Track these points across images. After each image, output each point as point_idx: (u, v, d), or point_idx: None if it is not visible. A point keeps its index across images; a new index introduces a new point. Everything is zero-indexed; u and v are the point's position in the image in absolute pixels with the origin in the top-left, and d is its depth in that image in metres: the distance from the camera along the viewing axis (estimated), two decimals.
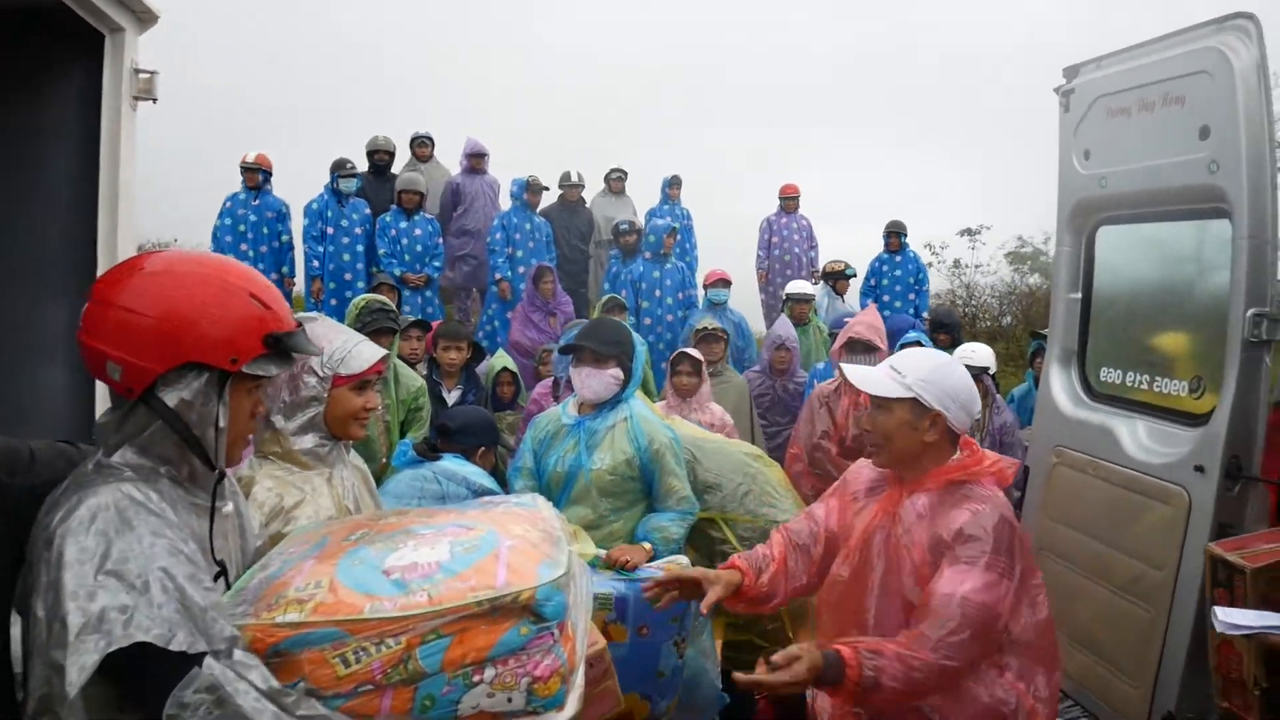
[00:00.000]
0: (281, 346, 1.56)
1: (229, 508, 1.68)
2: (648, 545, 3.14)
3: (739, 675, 1.96)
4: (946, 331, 7.48)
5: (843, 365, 2.52)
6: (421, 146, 10.08)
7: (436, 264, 8.56)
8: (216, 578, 1.55)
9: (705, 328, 6.24)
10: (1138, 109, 3.30)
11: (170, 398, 1.50)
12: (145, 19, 3.00)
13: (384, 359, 2.31)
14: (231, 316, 1.52)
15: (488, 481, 3.30)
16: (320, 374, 2.19)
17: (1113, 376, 3.60)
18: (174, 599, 1.35)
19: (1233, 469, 2.90)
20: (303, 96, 20.63)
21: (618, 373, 3.30)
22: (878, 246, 9.75)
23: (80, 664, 1.27)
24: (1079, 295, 3.75)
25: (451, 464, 3.32)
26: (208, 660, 1.33)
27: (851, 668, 1.99)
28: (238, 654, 1.37)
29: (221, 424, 1.54)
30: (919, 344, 6.70)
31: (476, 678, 1.49)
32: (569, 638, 1.60)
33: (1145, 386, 3.42)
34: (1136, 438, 3.32)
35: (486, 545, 1.63)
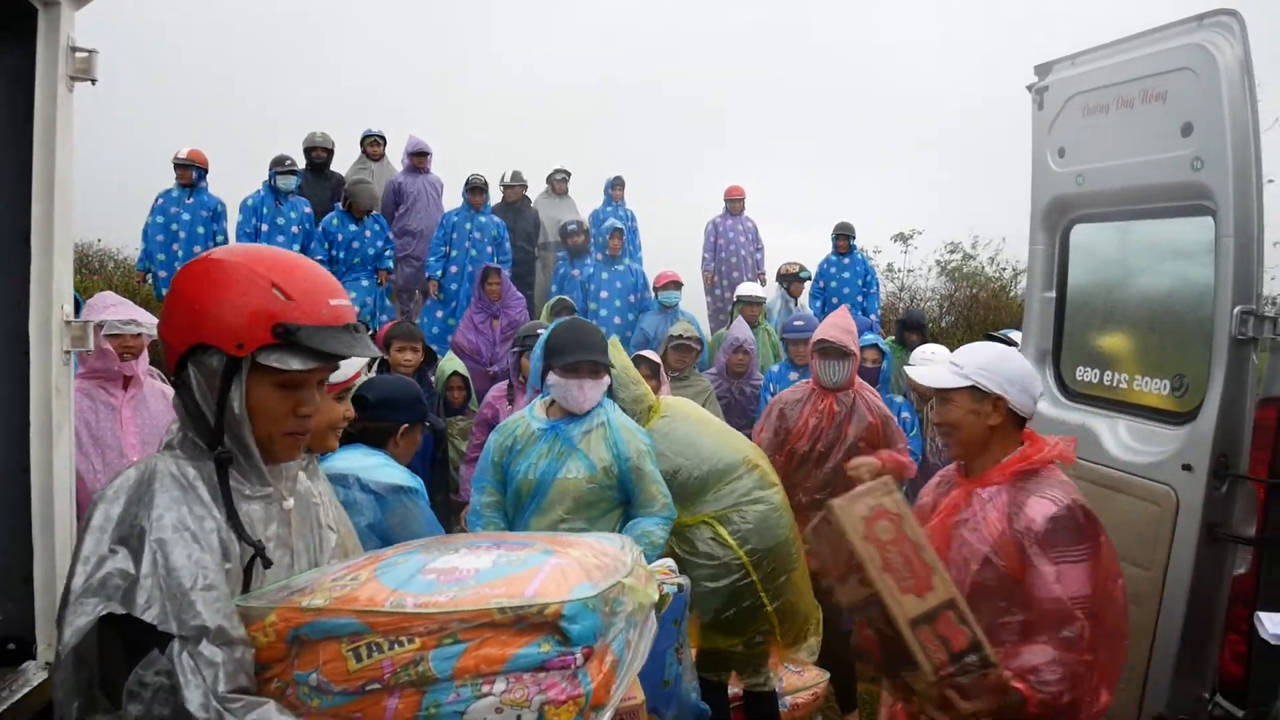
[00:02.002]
0: (291, 338, 1.53)
1: (289, 502, 1.70)
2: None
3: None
4: (917, 331, 7.49)
5: (907, 369, 2.79)
6: (374, 145, 9.81)
7: (389, 263, 8.35)
8: (250, 563, 1.56)
9: (681, 336, 6.13)
10: (1116, 106, 3.28)
11: (187, 377, 1.57)
12: None
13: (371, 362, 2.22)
14: (246, 304, 1.54)
15: (396, 476, 2.78)
16: None
17: (1089, 376, 3.57)
18: (159, 574, 1.39)
19: (1221, 467, 2.88)
20: (246, 90, 19.98)
21: (607, 379, 3.23)
22: (822, 249, 9.77)
23: (75, 625, 1.36)
24: (1053, 294, 3.73)
25: (342, 460, 2.80)
26: (173, 644, 1.35)
27: (1031, 702, 2.12)
28: (205, 646, 1.37)
29: (237, 410, 1.55)
30: (876, 346, 6.71)
31: (486, 689, 1.41)
32: (601, 670, 1.46)
33: (1124, 385, 3.40)
34: (1118, 437, 3.29)
35: (533, 560, 1.53)
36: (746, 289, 8.19)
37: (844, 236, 9.55)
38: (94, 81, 2.85)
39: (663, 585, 2.04)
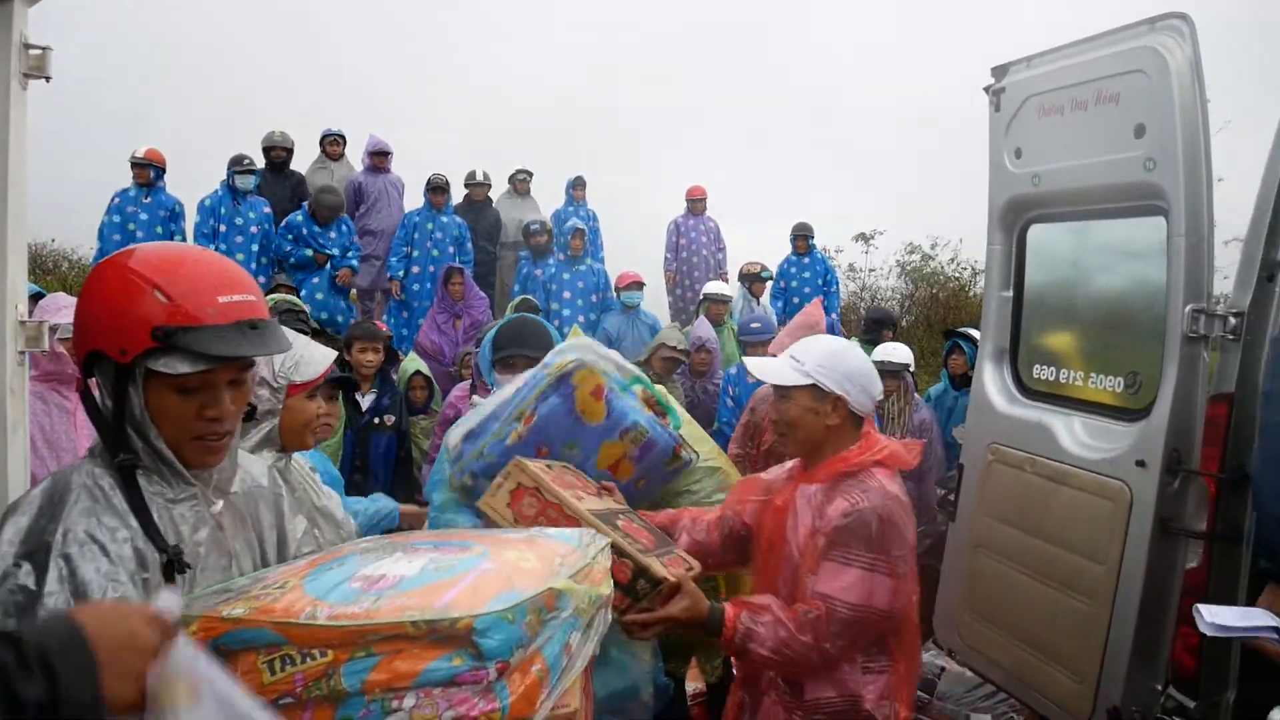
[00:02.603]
0: (172, 342, 1.45)
1: (218, 506, 1.64)
2: None
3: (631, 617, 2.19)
4: (888, 327, 7.56)
5: (745, 359, 2.74)
6: (334, 144, 9.72)
7: (354, 262, 8.27)
8: (168, 567, 1.50)
9: (674, 347, 6.15)
10: (1070, 107, 3.33)
11: (91, 385, 1.56)
12: None
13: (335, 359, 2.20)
14: (125, 308, 1.48)
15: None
16: (274, 384, 2.08)
17: (1046, 373, 3.62)
18: (66, 590, 1.37)
19: (1173, 463, 2.94)
20: (206, 83, 19.71)
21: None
22: (783, 250, 9.83)
23: None
24: (1010, 293, 3.78)
25: None
26: None
27: (729, 625, 2.26)
28: None
29: (137, 415, 1.51)
30: None
31: (396, 704, 1.35)
32: (525, 681, 1.41)
33: (1080, 383, 3.46)
34: (1073, 433, 3.35)
35: (461, 566, 1.49)
36: (713, 288, 8.25)
37: (802, 237, 9.63)
38: (48, 79, 2.80)
39: None
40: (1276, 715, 1.73)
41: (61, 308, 4.02)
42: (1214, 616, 1.82)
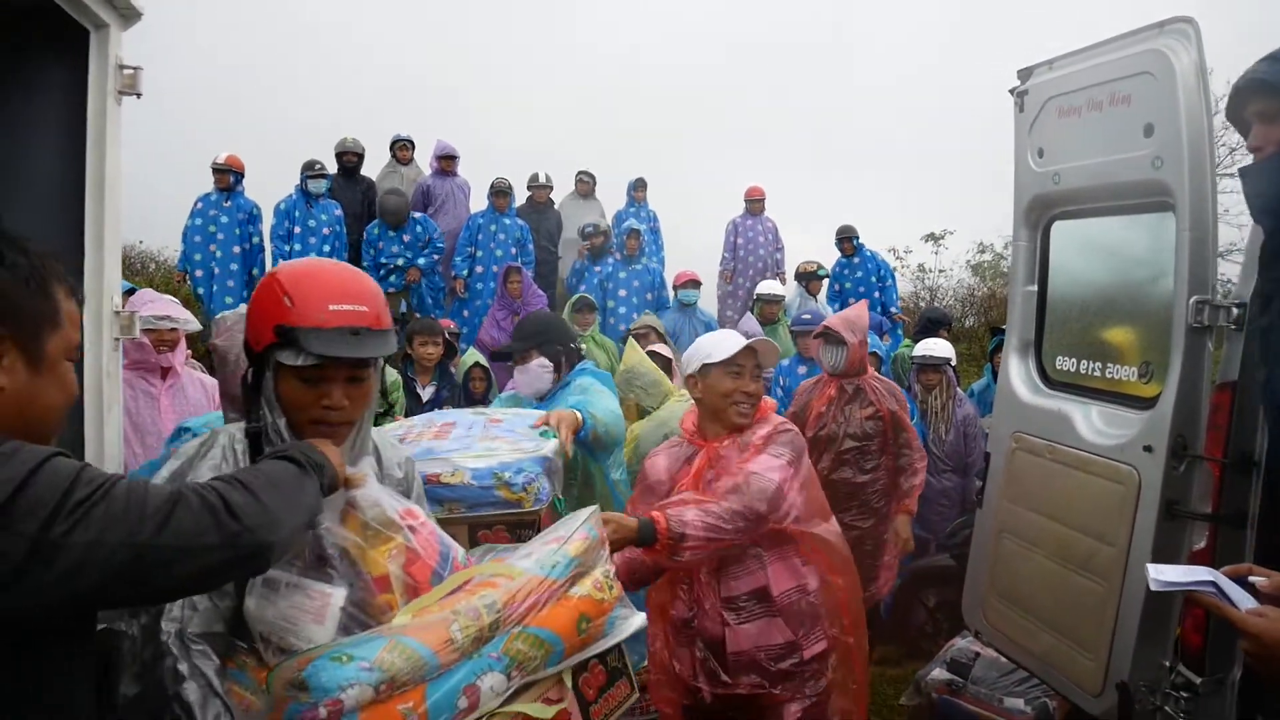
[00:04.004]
0: (289, 338, 1.80)
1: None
2: (579, 415, 3.19)
3: None
4: (943, 327, 7.66)
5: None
6: (403, 150, 10.16)
7: (421, 261, 8.67)
8: None
9: (635, 328, 6.45)
10: (1087, 108, 3.46)
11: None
12: (128, 15, 3.06)
13: None
14: (262, 309, 1.86)
15: None
16: None
17: (1068, 365, 3.75)
18: None
19: (1178, 448, 3.06)
20: (280, 97, 20.52)
21: (544, 361, 3.40)
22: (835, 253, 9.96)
23: None
24: (1034, 288, 3.91)
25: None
26: None
27: (660, 525, 2.62)
28: None
29: (266, 396, 1.87)
30: (874, 354, 6.90)
31: None
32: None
33: (1098, 373, 3.58)
34: (1090, 421, 3.48)
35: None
36: (766, 287, 8.42)
37: (847, 239, 9.74)
38: (139, 95, 3.14)
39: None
40: None
41: (147, 302, 4.41)
42: (1160, 574, 1.97)
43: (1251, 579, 1.86)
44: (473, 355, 6.42)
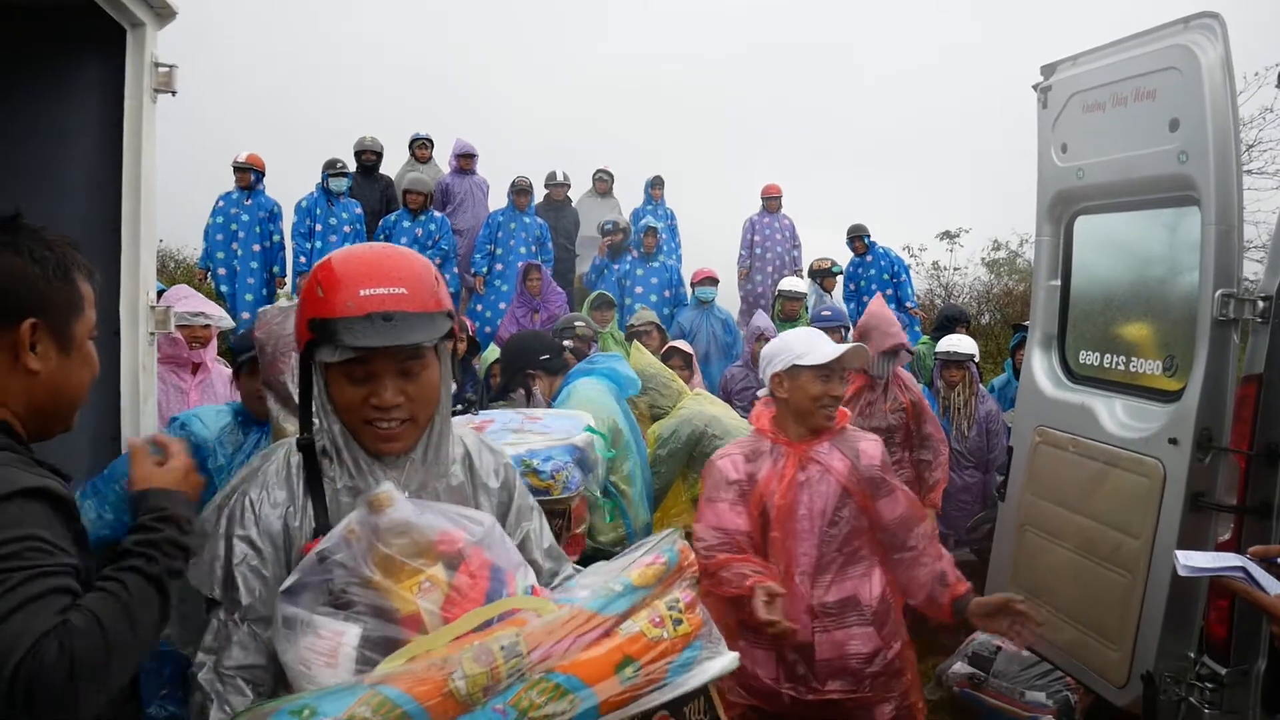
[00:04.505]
0: (323, 332, 1.59)
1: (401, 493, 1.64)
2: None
3: None
4: (961, 324, 7.64)
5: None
6: (422, 148, 10.24)
7: (429, 255, 8.69)
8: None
9: (635, 325, 6.43)
10: (1112, 103, 3.48)
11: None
12: (164, 14, 3.11)
13: None
14: (302, 304, 1.68)
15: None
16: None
17: (1091, 359, 3.77)
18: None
19: (1204, 440, 3.07)
20: (301, 95, 20.68)
21: (519, 392, 3.50)
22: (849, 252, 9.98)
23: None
24: (1058, 282, 3.92)
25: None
26: (216, 611, 1.65)
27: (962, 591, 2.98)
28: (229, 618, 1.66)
29: (317, 400, 1.68)
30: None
31: None
32: None
33: (1122, 367, 3.60)
34: (1114, 415, 3.49)
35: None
36: (788, 284, 8.43)
37: (858, 238, 9.76)
38: (174, 93, 3.20)
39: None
40: None
41: (183, 298, 4.48)
42: (1188, 560, 1.98)
43: None
44: (494, 352, 6.46)
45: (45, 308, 1.47)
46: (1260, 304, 2.98)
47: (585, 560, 3.19)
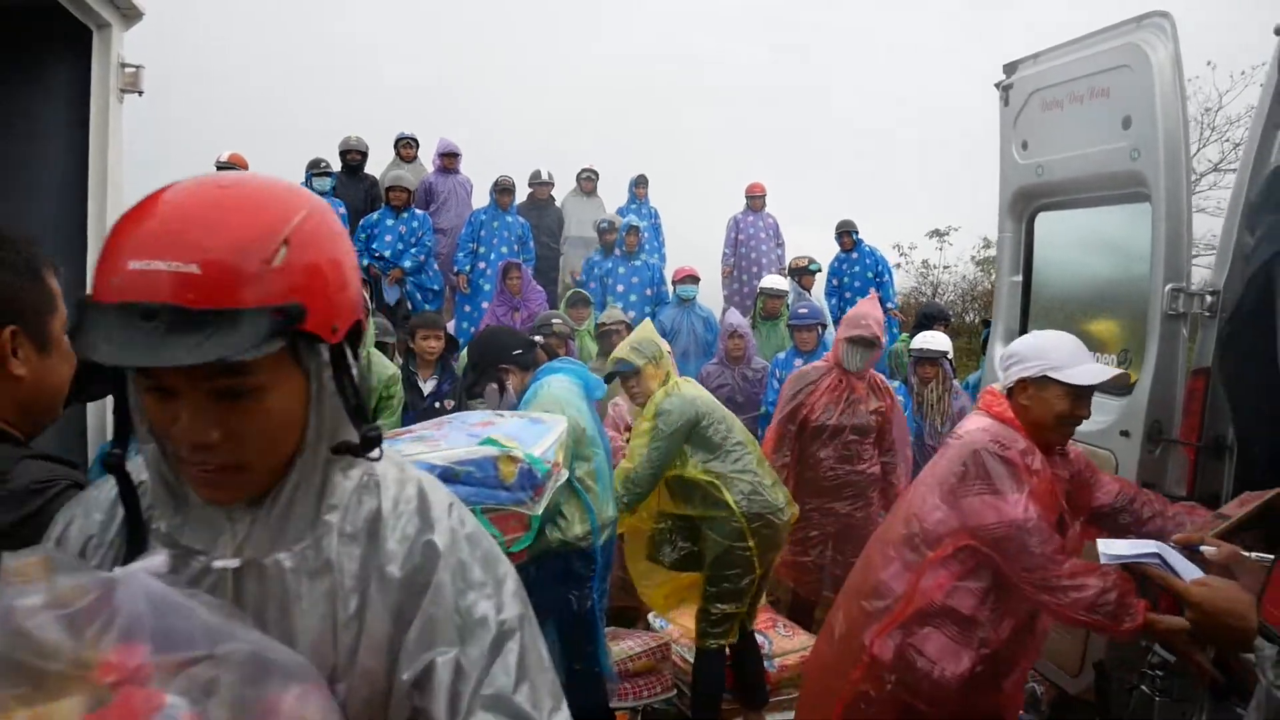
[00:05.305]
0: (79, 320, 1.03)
1: (227, 563, 1.10)
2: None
3: None
4: (940, 322, 7.69)
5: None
6: (407, 147, 10.25)
7: (410, 255, 8.74)
8: None
9: (606, 323, 6.47)
10: (1069, 101, 3.53)
11: None
12: (130, 15, 3.15)
13: None
14: None
15: None
16: None
17: None
18: None
19: (1154, 433, 3.13)
20: (285, 96, 20.69)
21: (491, 386, 3.52)
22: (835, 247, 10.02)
23: None
24: (1020, 278, 3.98)
25: None
26: None
27: None
28: None
29: (132, 415, 1.13)
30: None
31: None
32: None
33: None
34: None
35: None
36: (769, 282, 8.46)
37: (846, 233, 9.80)
38: (140, 93, 3.23)
39: None
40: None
41: None
42: (1108, 548, 2.04)
43: (1203, 549, 1.93)
44: None
45: (21, 312, 1.46)
46: (1209, 298, 3.04)
47: (544, 557, 3.26)
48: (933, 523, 2.61)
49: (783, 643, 4.47)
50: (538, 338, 4.55)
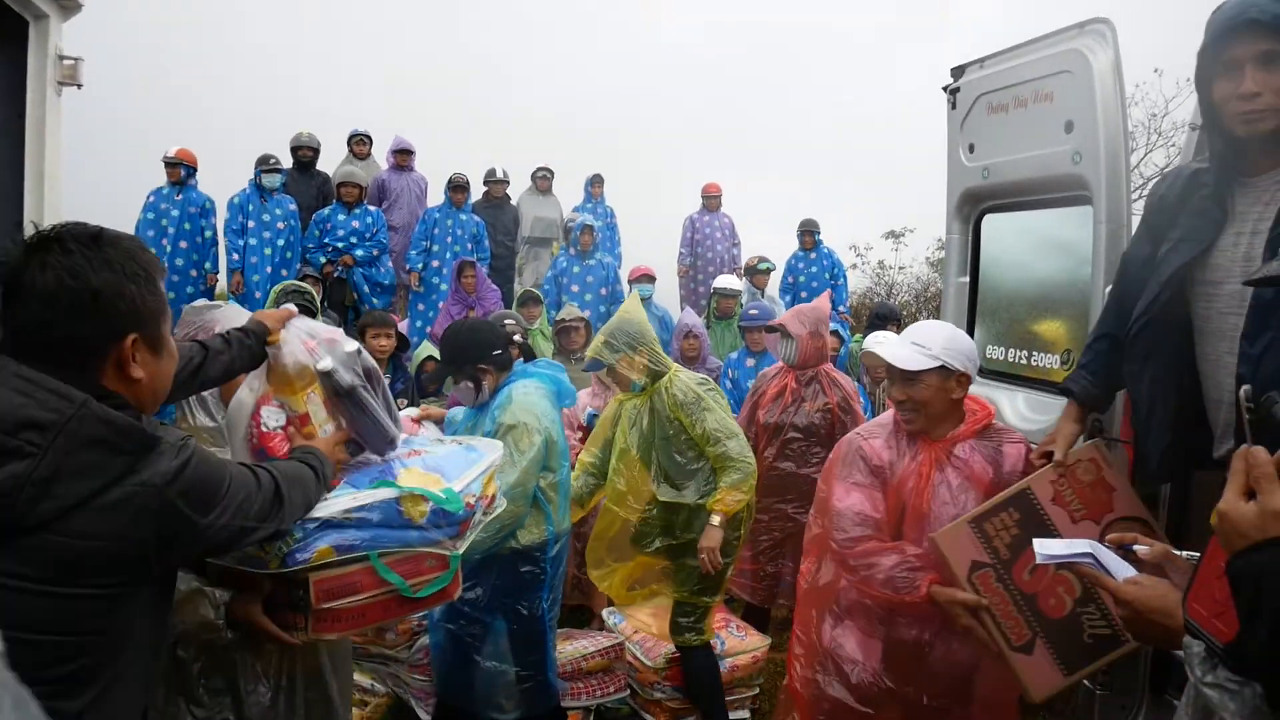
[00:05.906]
0: None
1: None
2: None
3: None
4: (892, 322, 7.77)
5: (870, 344, 3.10)
6: (360, 144, 10.16)
7: (358, 252, 8.66)
8: None
9: (564, 320, 6.47)
10: (1014, 105, 3.59)
11: None
12: (68, 6, 3.08)
13: None
14: None
15: None
16: None
17: (997, 353, 3.88)
18: None
19: (1095, 432, 3.18)
20: (234, 89, 20.31)
21: (466, 383, 3.42)
22: (795, 246, 10.09)
23: None
24: (967, 279, 4.04)
25: None
26: None
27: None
28: None
29: None
30: (837, 334, 7.03)
31: None
32: None
33: (1024, 361, 3.71)
34: (1016, 407, 3.61)
35: None
36: (723, 282, 8.52)
37: (809, 233, 9.89)
38: (79, 86, 3.16)
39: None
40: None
41: None
42: (1043, 548, 2.06)
43: (1135, 548, 1.96)
44: (426, 349, 6.46)
45: (141, 320, 1.58)
46: None
47: (494, 562, 3.24)
48: None
49: (735, 643, 4.48)
50: (517, 336, 4.49)
